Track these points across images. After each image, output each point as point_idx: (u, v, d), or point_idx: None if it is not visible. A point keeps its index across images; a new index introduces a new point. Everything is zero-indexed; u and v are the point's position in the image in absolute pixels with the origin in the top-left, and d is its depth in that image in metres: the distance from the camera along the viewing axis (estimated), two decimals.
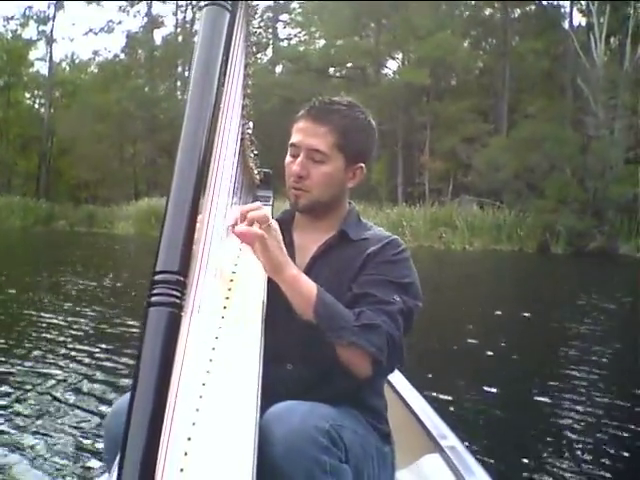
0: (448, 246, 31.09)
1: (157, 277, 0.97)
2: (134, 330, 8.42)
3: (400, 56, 46.76)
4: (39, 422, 4.90)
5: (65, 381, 6.11)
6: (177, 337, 0.96)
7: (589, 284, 17.62)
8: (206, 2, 1.15)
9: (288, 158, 2.16)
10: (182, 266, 0.98)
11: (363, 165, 2.18)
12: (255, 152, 2.45)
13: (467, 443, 2.68)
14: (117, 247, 28.04)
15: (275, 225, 1.82)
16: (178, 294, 0.97)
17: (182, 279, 0.98)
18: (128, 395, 1.73)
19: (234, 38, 1.59)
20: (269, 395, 1.66)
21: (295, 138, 2.13)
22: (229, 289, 1.95)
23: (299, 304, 1.90)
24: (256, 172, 2.62)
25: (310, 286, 1.90)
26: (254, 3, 1.83)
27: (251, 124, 2.28)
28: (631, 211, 30.61)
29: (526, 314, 11.55)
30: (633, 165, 31.90)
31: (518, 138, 34.39)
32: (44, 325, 8.75)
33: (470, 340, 8.83)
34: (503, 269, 23.75)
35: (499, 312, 11.66)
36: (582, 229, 30.99)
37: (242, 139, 2.20)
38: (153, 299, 0.96)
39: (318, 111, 2.12)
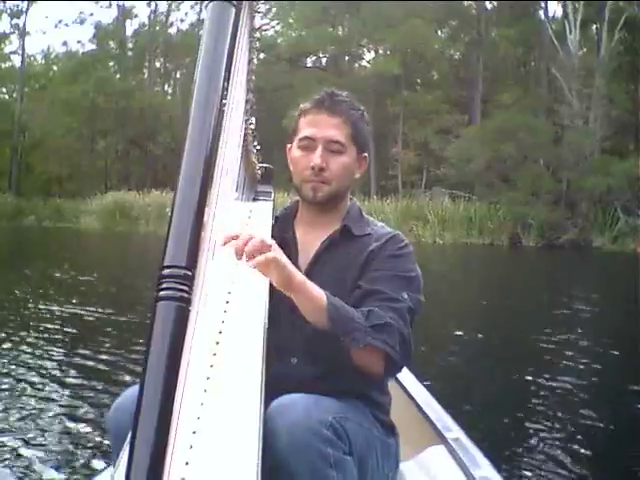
0: (419, 239, 30.78)
1: (165, 272, 0.99)
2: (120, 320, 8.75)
3: (373, 46, 46.68)
4: (34, 415, 4.89)
5: (59, 374, 6.10)
6: (185, 331, 0.98)
7: (563, 277, 17.67)
8: None
9: (298, 152, 2.17)
10: (190, 261, 1.01)
11: (367, 155, 2.24)
12: (257, 147, 2.46)
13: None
14: (71, 243, 27.76)
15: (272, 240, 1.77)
16: (186, 288, 0.98)
17: (190, 274, 1.00)
18: (131, 389, 1.97)
19: (239, 33, 1.60)
20: (273, 389, 1.67)
21: (309, 131, 2.14)
22: (232, 283, 1.95)
23: (311, 310, 1.88)
24: (257, 167, 2.64)
25: (318, 291, 1.88)
26: (260, 2, 1.84)
27: (253, 119, 2.26)
28: (605, 203, 30.27)
29: (484, 302, 11.91)
30: (608, 155, 31.63)
31: (491, 128, 33.99)
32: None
33: (452, 330, 8.99)
34: (472, 263, 23.46)
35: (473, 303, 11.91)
36: (555, 221, 30.69)
37: (245, 134, 2.21)
38: (161, 293, 0.97)
39: (330, 103, 2.14)
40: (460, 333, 8.86)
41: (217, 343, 1.71)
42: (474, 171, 33.06)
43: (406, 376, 3.09)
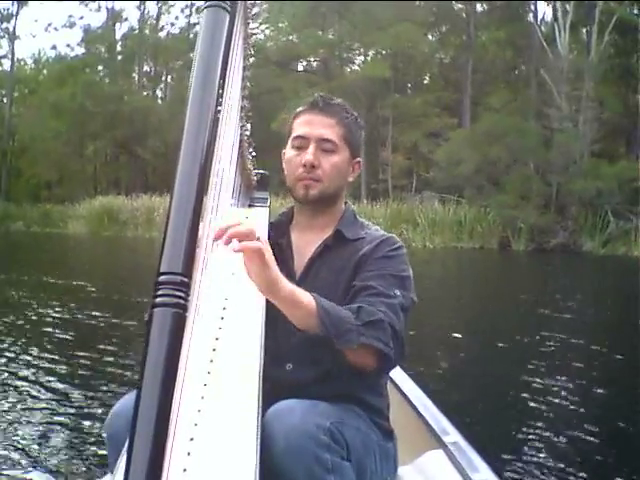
0: (409, 243, 30.69)
1: (161, 278, 0.98)
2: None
3: (363, 50, 46.63)
4: (31, 420, 4.90)
5: (55, 380, 6.06)
6: (182, 337, 0.97)
7: (556, 280, 17.65)
8: (206, 3, 1.17)
9: (291, 152, 2.18)
10: (186, 267, 1.00)
11: (360, 160, 2.25)
12: (253, 154, 2.47)
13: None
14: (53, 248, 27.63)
15: (263, 237, 1.69)
16: (182, 295, 0.98)
17: (186, 280, 0.99)
18: (128, 396, 1.98)
19: (233, 39, 1.61)
20: (270, 395, 1.69)
21: (302, 130, 2.16)
22: (229, 289, 1.95)
23: (301, 318, 1.83)
24: (253, 174, 2.65)
25: (308, 297, 1.83)
26: (255, 8, 1.84)
27: (249, 126, 2.26)
28: (595, 206, 30.21)
29: (476, 305, 12.05)
30: (598, 158, 31.63)
31: (480, 131, 33.99)
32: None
33: (445, 332, 9.01)
34: (463, 267, 23.48)
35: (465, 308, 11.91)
36: (544, 225, 30.63)
37: (240, 140, 2.20)
38: (158, 300, 0.97)
39: (324, 105, 2.17)
40: (456, 335, 8.88)
41: (214, 350, 1.70)
42: (463, 174, 32.93)
43: (404, 380, 3.09)
